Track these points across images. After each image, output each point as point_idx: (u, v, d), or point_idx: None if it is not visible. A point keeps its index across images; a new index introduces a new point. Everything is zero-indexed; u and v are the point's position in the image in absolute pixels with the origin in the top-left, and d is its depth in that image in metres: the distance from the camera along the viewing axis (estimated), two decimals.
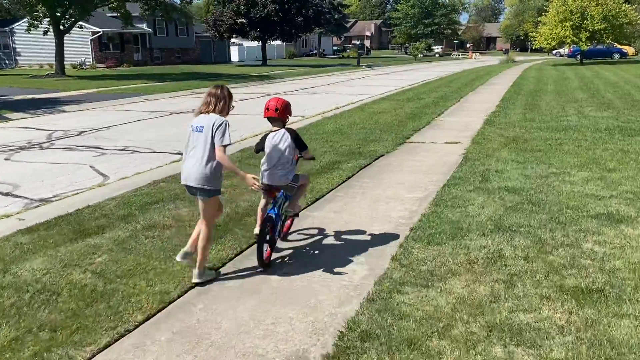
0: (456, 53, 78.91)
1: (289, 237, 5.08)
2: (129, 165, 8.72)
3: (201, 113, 3.94)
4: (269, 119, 4.42)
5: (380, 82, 26.56)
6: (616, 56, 47.07)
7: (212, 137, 3.79)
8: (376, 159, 8.59)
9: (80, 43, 42.14)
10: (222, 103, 3.93)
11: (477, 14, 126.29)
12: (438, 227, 5.12)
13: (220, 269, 4.40)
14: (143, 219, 5.61)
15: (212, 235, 4.23)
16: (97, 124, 13.29)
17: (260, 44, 51.13)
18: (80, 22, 32.73)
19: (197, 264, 4.10)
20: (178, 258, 4.17)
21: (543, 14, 42.40)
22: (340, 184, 7.05)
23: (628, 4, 40.63)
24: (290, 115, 4.50)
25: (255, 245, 4.36)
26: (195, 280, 4.08)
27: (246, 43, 63.13)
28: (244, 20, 46.19)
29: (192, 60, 52.89)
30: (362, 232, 5.22)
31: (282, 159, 4.37)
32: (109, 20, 43.41)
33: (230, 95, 4.02)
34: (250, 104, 17.31)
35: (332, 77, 32.23)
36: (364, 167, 8.06)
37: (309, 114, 14.38)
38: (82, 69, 40.04)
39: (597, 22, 37.32)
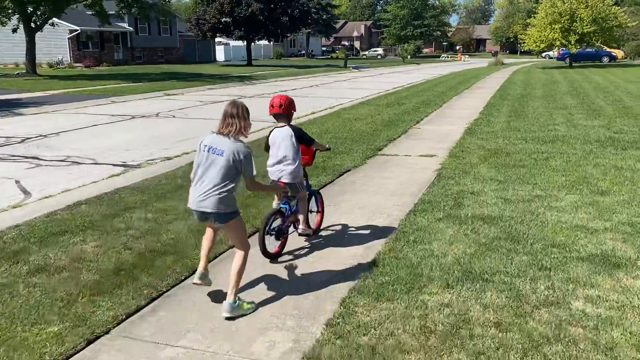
0: (445, 55, 78.14)
1: (208, 290, 4.02)
2: (62, 180, 7.66)
3: (219, 133, 3.68)
4: (275, 115, 4.53)
5: (365, 85, 25.60)
6: (605, 59, 46.58)
7: (239, 167, 3.61)
8: (340, 176, 7.59)
9: (57, 41, 40.72)
10: (243, 123, 3.69)
11: (467, 16, 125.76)
12: (393, 273, 4.12)
13: (107, 334, 3.38)
14: (35, 258, 4.56)
15: (246, 258, 3.81)
16: (48, 129, 12.18)
17: (246, 43, 49.95)
18: (54, 20, 31.38)
19: (229, 292, 3.65)
20: (195, 279, 3.86)
21: (532, 16, 41.68)
22: None
23: (617, 6, 40.02)
24: (295, 111, 4.59)
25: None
26: (225, 314, 3.60)
27: (232, 43, 61.74)
28: (228, 20, 44.95)
29: (175, 60, 51.57)
30: (299, 280, 4.20)
31: (282, 154, 4.46)
32: (87, 18, 41.88)
33: (247, 112, 3.76)
34: (221, 108, 16.25)
35: (317, 78, 31.20)
36: (325, 185, 7.05)
37: None
38: (59, 68, 38.65)
39: (587, 25, 36.63)
